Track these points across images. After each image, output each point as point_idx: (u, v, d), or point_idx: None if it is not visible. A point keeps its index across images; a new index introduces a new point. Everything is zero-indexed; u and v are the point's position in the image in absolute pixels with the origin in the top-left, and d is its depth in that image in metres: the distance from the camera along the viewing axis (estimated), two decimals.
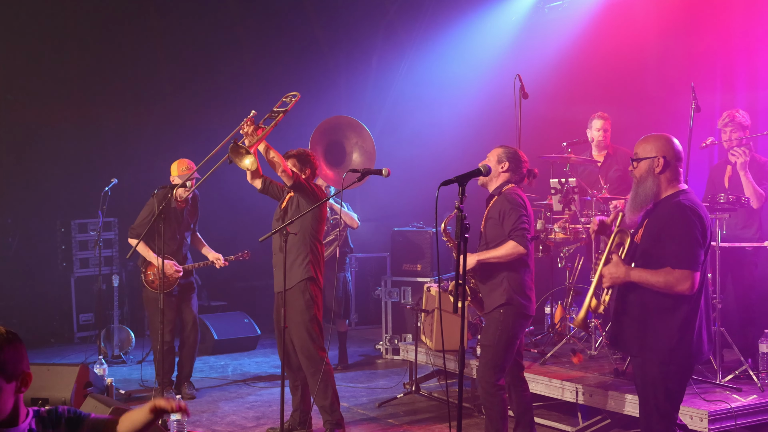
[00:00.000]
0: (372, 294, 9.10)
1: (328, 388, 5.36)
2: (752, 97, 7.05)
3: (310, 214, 5.29)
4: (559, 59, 8.48)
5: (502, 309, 4.64)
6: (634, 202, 3.83)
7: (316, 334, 5.34)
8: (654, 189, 3.77)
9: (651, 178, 3.77)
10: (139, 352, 8.33)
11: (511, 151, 4.89)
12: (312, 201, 5.31)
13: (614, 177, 6.53)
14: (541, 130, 7.85)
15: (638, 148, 3.85)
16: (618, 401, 5.15)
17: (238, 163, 5.09)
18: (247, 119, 5.21)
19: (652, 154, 3.77)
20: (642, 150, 3.82)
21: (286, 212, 5.48)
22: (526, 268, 4.72)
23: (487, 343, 4.69)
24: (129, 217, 8.90)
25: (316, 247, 5.39)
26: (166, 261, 6.52)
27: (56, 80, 9.45)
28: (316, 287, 5.40)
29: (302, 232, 5.35)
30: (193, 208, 6.85)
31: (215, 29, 10.24)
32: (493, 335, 4.65)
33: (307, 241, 5.35)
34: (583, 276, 6.61)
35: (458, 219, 3.57)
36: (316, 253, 5.39)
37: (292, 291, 5.33)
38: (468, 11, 9.46)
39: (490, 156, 4.90)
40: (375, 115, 10.48)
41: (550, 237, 6.34)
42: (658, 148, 3.78)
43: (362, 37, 10.55)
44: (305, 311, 5.32)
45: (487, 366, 4.66)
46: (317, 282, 5.40)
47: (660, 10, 7.70)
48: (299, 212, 5.29)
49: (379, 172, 4.99)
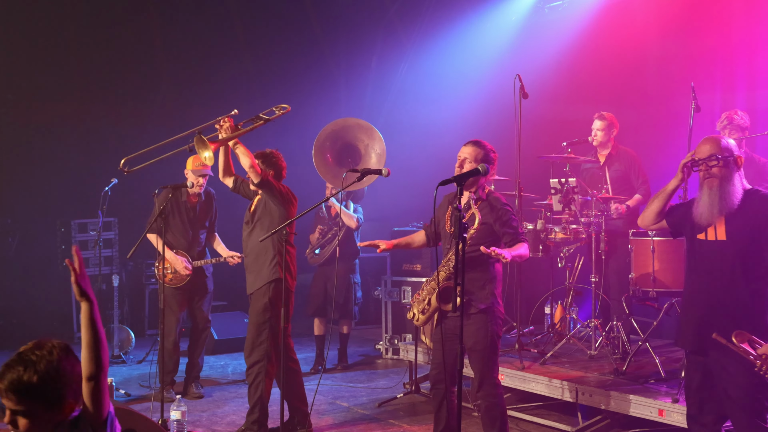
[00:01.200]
0: (372, 294, 9.10)
1: (257, 391, 5.38)
2: (752, 97, 7.05)
3: (276, 215, 5.35)
4: (559, 59, 8.48)
5: (486, 313, 4.54)
6: (723, 202, 3.86)
7: (265, 337, 5.37)
8: (741, 186, 3.89)
9: (737, 175, 3.89)
10: (139, 352, 8.33)
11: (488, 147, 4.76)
12: (279, 201, 5.35)
13: (615, 177, 6.52)
14: (541, 130, 7.85)
15: (714, 148, 3.89)
16: (618, 401, 5.15)
17: (199, 154, 5.17)
18: (226, 116, 5.27)
19: (729, 153, 3.87)
20: (718, 149, 3.88)
21: (254, 214, 5.50)
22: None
23: (479, 348, 4.55)
24: (129, 217, 8.96)
25: (286, 248, 5.37)
26: (179, 257, 6.53)
27: (56, 80, 9.44)
28: (284, 289, 5.35)
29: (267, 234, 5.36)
30: (207, 205, 6.83)
31: (215, 29, 10.25)
32: (484, 339, 4.53)
33: (275, 242, 5.34)
34: (583, 276, 6.61)
35: (457, 219, 3.56)
36: (285, 255, 5.37)
37: (258, 291, 5.41)
38: (468, 11, 9.46)
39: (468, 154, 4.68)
40: (375, 115, 10.48)
41: (550, 237, 6.34)
42: (732, 147, 3.91)
43: (362, 37, 10.55)
44: (261, 313, 5.38)
45: (488, 366, 4.59)
46: (286, 283, 5.35)
47: (660, 10, 7.69)
48: (267, 213, 5.38)
49: (379, 172, 4.99)
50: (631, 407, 5.07)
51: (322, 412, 6.24)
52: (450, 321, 4.59)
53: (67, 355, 2.45)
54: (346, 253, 7.58)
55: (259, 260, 5.41)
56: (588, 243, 6.17)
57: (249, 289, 5.51)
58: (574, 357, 6.14)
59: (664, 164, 7.25)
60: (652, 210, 4.13)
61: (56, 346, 2.45)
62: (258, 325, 5.39)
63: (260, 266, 5.40)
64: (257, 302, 5.42)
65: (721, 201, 3.85)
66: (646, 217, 4.15)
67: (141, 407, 6.20)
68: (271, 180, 5.36)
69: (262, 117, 5.35)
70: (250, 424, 5.43)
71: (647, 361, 5.85)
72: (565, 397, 5.51)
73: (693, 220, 3.98)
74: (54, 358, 2.42)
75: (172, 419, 5.17)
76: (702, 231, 3.96)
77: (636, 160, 6.59)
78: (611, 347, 5.95)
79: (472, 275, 4.49)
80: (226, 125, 5.27)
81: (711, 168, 3.88)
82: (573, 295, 6.56)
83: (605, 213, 6.02)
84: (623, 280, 6.07)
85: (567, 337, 6.19)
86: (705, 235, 3.94)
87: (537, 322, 7.23)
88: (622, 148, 6.67)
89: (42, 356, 2.41)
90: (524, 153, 6.37)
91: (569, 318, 6.50)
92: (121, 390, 6.74)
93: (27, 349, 2.45)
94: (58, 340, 2.50)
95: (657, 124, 7.63)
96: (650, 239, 5.55)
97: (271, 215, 5.40)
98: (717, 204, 3.86)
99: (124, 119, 9.94)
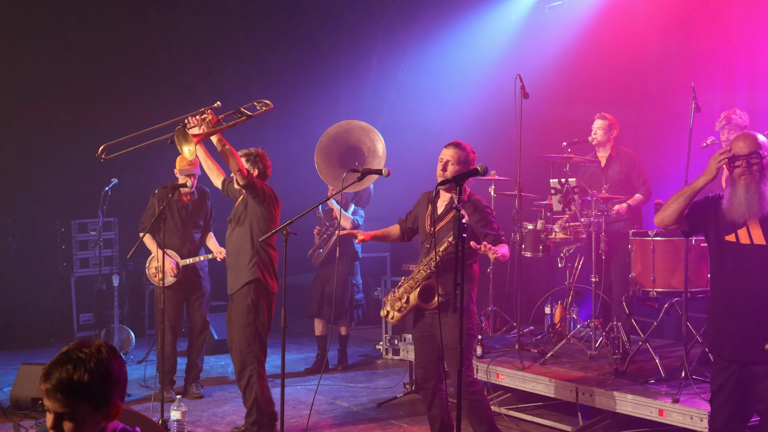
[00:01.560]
0: (372, 294, 9.10)
1: (252, 393, 5.35)
2: (752, 97, 7.04)
3: (258, 216, 5.33)
4: (559, 59, 8.47)
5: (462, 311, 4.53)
6: (763, 202, 3.63)
7: (252, 340, 5.33)
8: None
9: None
10: (139, 352, 8.33)
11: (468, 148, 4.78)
12: (262, 202, 5.32)
13: (616, 177, 6.53)
14: (541, 130, 7.84)
15: (754, 145, 3.66)
16: (618, 401, 5.15)
17: (179, 147, 5.07)
18: (209, 108, 5.20)
19: (766, 151, 3.67)
20: (758, 146, 3.65)
21: (237, 213, 5.50)
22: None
23: (456, 345, 4.53)
24: (129, 217, 8.95)
25: (265, 249, 5.37)
26: (168, 258, 6.52)
27: (56, 80, 9.45)
28: (264, 290, 5.37)
29: (248, 234, 5.35)
30: (201, 203, 6.81)
31: (215, 29, 10.25)
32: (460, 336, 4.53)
33: (255, 242, 5.33)
34: (583, 276, 6.61)
35: (456, 219, 3.56)
36: (263, 255, 5.36)
37: (239, 293, 5.37)
38: (468, 11, 9.45)
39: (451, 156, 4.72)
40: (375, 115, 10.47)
41: (550, 237, 6.34)
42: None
43: (362, 37, 10.54)
44: (245, 315, 5.33)
45: (463, 364, 4.56)
46: (266, 284, 5.37)
47: (660, 10, 7.69)
48: (248, 213, 5.36)
49: (379, 172, 4.99)
50: (631, 407, 5.07)
51: (322, 412, 6.24)
52: (427, 319, 4.62)
53: (115, 355, 2.37)
54: (344, 255, 7.58)
55: (239, 260, 5.37)
56: (588, 243, 6.17)
57: (230, 289, 5.46)
58: (574, 357, 6.14)
59: (664, 164, 7.26)
60: (674, 209, 3.80)
61: (103, 345, 2.37)
62: (243, 327, 5.33)
63: (240, 266, 5.37)
64: (239, 304, 5.36)
65: (761, 200, 3.62)
66: (666, 217, 3.82)
67: (141, 407, 6.20)
68: (255, 181, 5.33)
69: (244, 112, 5.29)
70: (250, 426, 5.41)
71: (647, 361, 5.85)
72: (565, 397, 5.51)
73: (720, 219, 3.75)
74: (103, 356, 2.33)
75: (172, 419, 5.17)
76: (731, 232, 3.72)
77: (636, 161, 6.60)
78: (611, 347, 5.95)
79: (450, 275, 4.41)
80: (209, 118, 5.17)
81: (752, 165, 3.64)
82: (573, 295, 6.56)
83: (605, 213, 6.01)
84: (623, 280, 6.07)
85: (567, 337, 6.19)
86: (736, 238, 3.71)
87: (537, 322, 7.23)
88: (622, 149, 6.67)
89: (91, 354, 2.31)
90: (524, 153, 6.37)
91: (569, 318, 6.50)
92: None
93: (72, 348, 2.34)
94: (102, 340, 2.46)
95: (657, 124, 7.62)
96: (650, 239, 5.55)
97: (252, 215, 5.37)
98: (756, 204, 3.62)
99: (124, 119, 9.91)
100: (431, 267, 4.52)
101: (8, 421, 5.86)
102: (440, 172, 4.67)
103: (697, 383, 5.07)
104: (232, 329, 5.40)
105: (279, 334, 4.62)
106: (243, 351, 5.34)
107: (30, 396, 6.06)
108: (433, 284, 4.50)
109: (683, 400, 4.87)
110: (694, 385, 4.98)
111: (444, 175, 4.63)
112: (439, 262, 4.48)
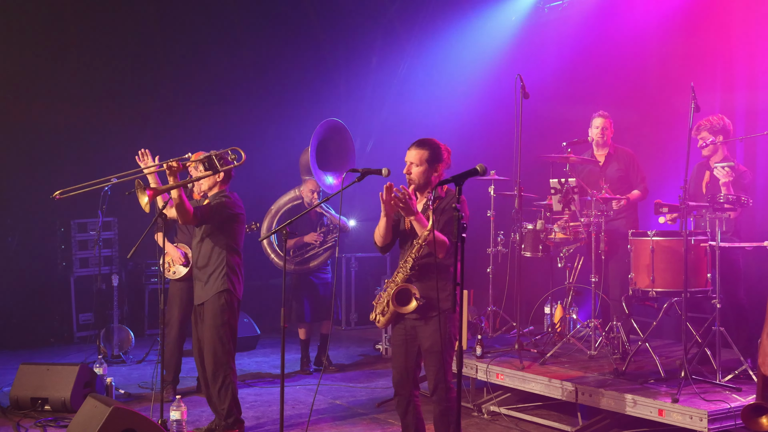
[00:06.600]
0: (372, 294, 9.09)
1: (228, 393, 5.33)
2: (752, 97, 7.04)
3: (222, 227, 5.32)
4: (559, 59, 8.48)
5: (447, 313, 4.33)
6: None
7: (227, 339, 5.33)
8: None
9: None
10: (138, 351, 8.33)
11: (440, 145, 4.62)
12: (224, 217, 5.30)
13: (615, 177, 6.53)
14: (541, 130, 7.85)
15: None
16: (618, 401, 5.15)
17: (139, 199, 5.07)
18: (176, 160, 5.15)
19: None
20: None
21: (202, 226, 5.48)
22: None
23: (437, 349, 4.39)
24: (129, 217, 8.95)
25: (232, 259, 5.36)
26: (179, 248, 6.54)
27: (55, 80, 9.43)
28: (234, 297, 5.37)
29: (216, 245, 5.34)
30: None
31: (214, 29, 10.24)
32: (442, 340, 4.35)
33: (223, 253, 5.34)
34: (582, 276, 6.61)
35: (455, 219, 3.55)
36: (232, 265, 5.36)
37: (208, 302, 5.36)
38: (468, 11, 9.46)
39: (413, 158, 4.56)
40: (375, 115, 10.49)
41: (549, 237, 6.34)
42: None
43: (362, 37, 10.54)
44: (218, 315, 5.32)
45: (444, 368, 4.46)
46: (235, 293, 5.37)
47: (660, 10, 7.70)
48: (212, 225, 5.34)
49: (379, 172, 4.98)
50: (631, 407, 5.07)
51: (321, 412, 6.24)
52: (407, 322, 4.45)
53: None
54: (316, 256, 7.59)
55: (207, 271, 5.36)
56: (588, 243, 6.17)
57: (198, 299, 5.45)
58: (573, 357, 6.14)
59: (664, 164, 7.26)
60: None
61: None
62: (218, 327, 5.31)
63: (209, 277, 5.36)
64: (212, 306, 5.34)
65: None
66: None
67: (141, 407, 6.20)
68: (206, 212, 5.29)
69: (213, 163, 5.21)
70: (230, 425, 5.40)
71: (647, 361, 5.86)
72: (565, 397, 5.51)
73: None
74: None
75: (172, 419, 5.18)
76: None
77: (634, 159, 6.62)
78: (611, 347, 5.95)
79: (430, 280, 4.33)
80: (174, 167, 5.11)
81: None
82: (573, 295, 6.57)
83: (605, 213, 6.02)
84: (623, 280, 6.07)
85: (567, 337, 6.19)
86: None
87: (537, 322, 7.23)
88: (620, 148, 6.68)
89: None
90: (524, 153, 6.37)
91: (569, 318, 6.50)
92: (121, 390, 6.74)
93: None
94: None
95: (657, 124, 7.63)
96: (650, 239, 5.55)
97: (217, 227, 5.37)
98: None
99: (124, 120, 9.94)
100: (408, 269, 4.36)
101: (8, 421, 5.86)
102: (406, 176, 4.49)
103: (697, 383, 5.08)
104: (204, 332, 5.37)
105: (269, 336, 4.58)
106: (218, 351, 5.31)
107: (30, 396, 6.06)
108: (407, 287, 4.32)
109: (683, 400, 4.87)
110: (693, 385, 4.98)
111: (409, 179, 4.45)
112: (414, 265, 4.33)
